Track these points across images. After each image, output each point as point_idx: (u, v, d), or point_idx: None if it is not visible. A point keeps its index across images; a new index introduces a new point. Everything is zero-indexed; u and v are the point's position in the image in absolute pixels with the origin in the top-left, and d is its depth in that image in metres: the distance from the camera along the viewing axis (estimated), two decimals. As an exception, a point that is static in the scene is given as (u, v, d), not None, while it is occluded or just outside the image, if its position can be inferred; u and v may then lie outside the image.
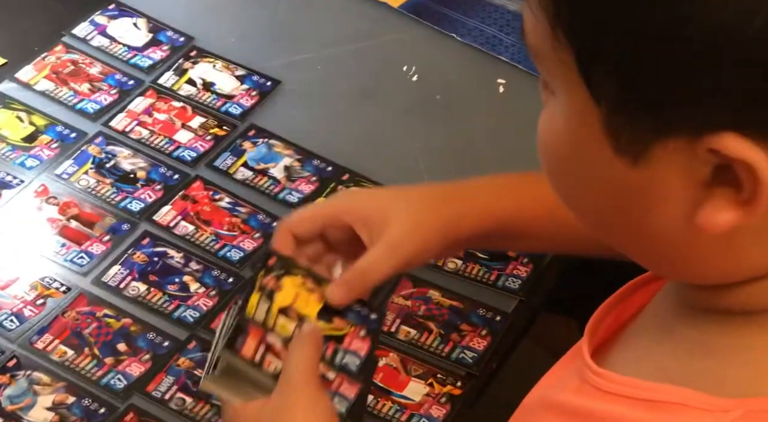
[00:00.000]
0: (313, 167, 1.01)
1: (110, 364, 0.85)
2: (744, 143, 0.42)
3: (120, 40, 1.12)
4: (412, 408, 0.83)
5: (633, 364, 0.54)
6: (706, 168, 0.44)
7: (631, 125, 0.45)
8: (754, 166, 0.42)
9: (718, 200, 0.44)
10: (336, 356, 0.71)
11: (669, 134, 0.44)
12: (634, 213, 0.48)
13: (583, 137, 0.46)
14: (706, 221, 0.45)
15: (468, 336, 0.88)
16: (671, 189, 0.45)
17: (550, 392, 0.59)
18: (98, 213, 0.96)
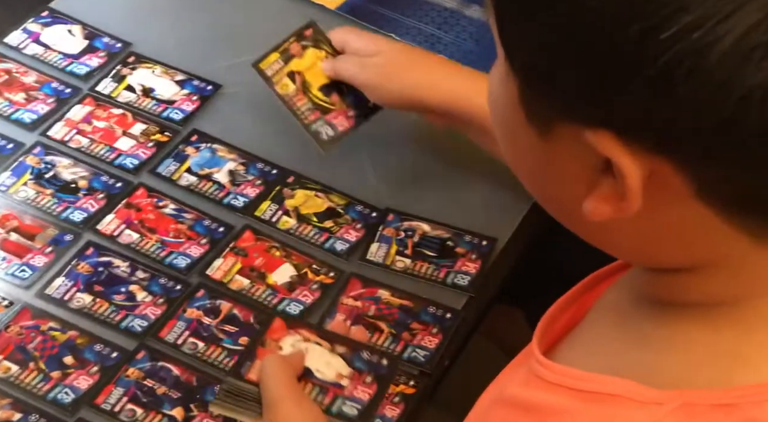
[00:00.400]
0: (258, 171, 1.00)
1: (57, 378, 0.83)
2: (617, 145, 0.43)
3: (55, 48, 1.10)
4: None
5: (583, 356, 0.55)
6: (598, 157, 0.45)
7: (535, 100, 0.46)
8: (622, 169, 0.44)
9: (604, 190, 0.46)
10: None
11: (563, 117, 0.45)
12: (548, 182, 0.50)
13: (507, 101, 0.48)
14: (588, 206, 0.46)
15: (419, 335, 0.88)
16: (571, 168, 0.47)
17: (502, 387, 0.60)
18: (39, 225, 0.94)
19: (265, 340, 0.84)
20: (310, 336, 0.84)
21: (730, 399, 0.46)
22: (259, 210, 0.96)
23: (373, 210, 0.97)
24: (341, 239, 0.95)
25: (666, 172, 0.44)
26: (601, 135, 0.44)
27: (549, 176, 0.49)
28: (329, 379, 0.81)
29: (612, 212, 0.46)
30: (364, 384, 0.79)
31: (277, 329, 0.84)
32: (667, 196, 0.45)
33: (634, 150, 0.43)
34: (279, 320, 0.85)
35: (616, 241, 0.51)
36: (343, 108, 0.92)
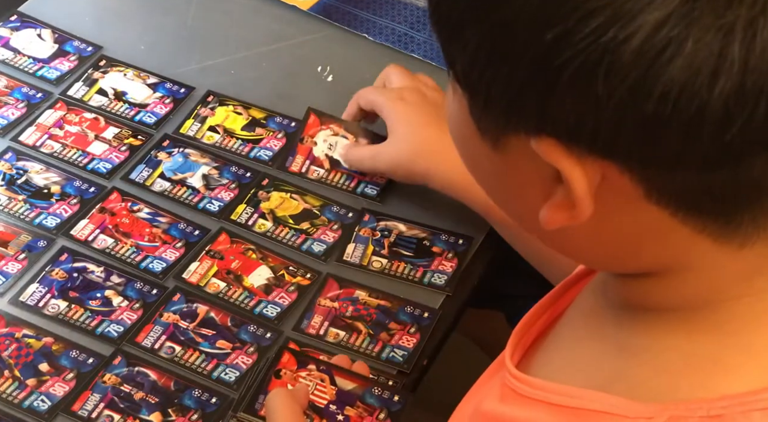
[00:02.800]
0: (232, 174, 1.00)
1: (32, 386, 0.83)
2: (560, 152, 0.44)
3: (24, 52, 1.09)
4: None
5: (557, 368, 0.54)
6: (549, 166, 0.45)
7: (483, 114, 0.47)
8: (565, 175, 0.44)
9: (558, 198, 0.46)
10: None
11: (508, 130, 0.46)
12: (506, 193, 0.51)
13: (461, 118, 0.49)
14: (544, 215, 0.47)
15: (397, 335, 0.88)
16: (526, 178, 0.47)
17: (479, 399, 0.59)
18: (12, 231, 0.93)
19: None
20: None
21: (717, 410, 0.46)
22: (235, 214, 0.96)
23: (349, 211, 0.97)
24: (318, 241, 0.94)
25: (613, 175, 0.44)
26: (544, 143, 0.44)
27: (506, 187, 0.50)
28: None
29: (565, 219, 0.46)
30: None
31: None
32: (619, 200, 0.45)
33: (577, 155, 0.43)
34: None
35: (577, 248, 0.51)
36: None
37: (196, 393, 0.82)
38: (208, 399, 0.82)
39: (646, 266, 0.49)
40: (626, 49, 0.40)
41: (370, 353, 0.87)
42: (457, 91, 0.48)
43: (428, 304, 0.91)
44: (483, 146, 0.48)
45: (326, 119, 1.04)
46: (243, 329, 0.87)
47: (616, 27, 0.40)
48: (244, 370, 0.84)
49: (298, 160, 1.01)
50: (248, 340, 0.86)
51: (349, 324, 0.89)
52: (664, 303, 0.50)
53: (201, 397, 0.82)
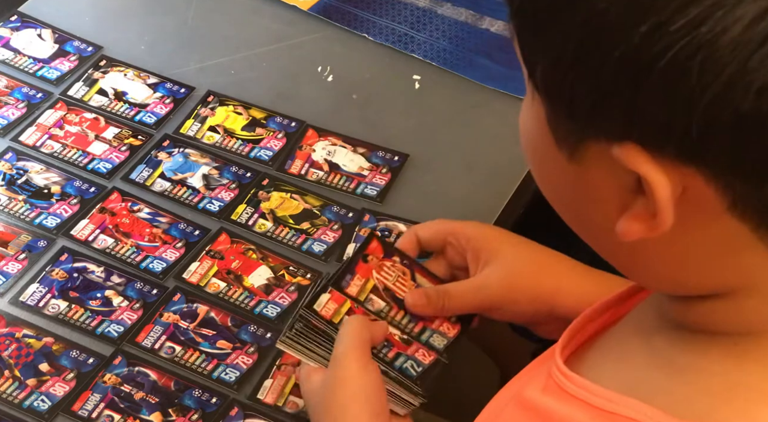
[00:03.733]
0: (232, 174, 1.00)
1: (33, 386, 0.83)
2: (643, 157, 0.42)
3: (25, 52, 1.09)
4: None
5: (604, 372, 0.54)
6: (629, 175, 0.44)
7: (561, 122, 0.45)
8: (649, 182, 0.43)
9: (638, 209, 0.45)
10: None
11: (589, 136, 0.44)
12: (580, 208, 0.49)
13: (536, 128, 0.47)
14: (621, 227, 0.45)
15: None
16: (602, 190, 0.46)
17: (521, 386, 0.59)
18: (12, 231, 0.93)
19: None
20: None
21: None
22: (235, 214, 0.96)
23: (350, 211, 0.97)
24: (319, 241, 0.94)
25: (697, 186, 0.42)
26: (626, 149, 0.42)
27: (581, 199, 0.48)
28: None
29: (644, 230, 0.44)
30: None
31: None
32: (701, 212, 0.43)
33: (662, 162, 0.42)
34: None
35: (647, 266, 0.49)
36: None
37: (197, 393, 0.82)
38: (209, 399, 0.82)
39: (712, 287, 0.48)
40: (723, 41, 0.38)
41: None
42: (535, 100, 0.47)
43: (428, 304, 0.91)
44: (559, 157, 0.46)
45: (325, 132, 1.04)
46: (243, 329, 0.87)
47: (714, 18, 0.38)
48: (245, 370, 0.84)
49: (297, 163, 1.01)
50: (248, 340, 0.86)
51: (349, 324, 0.89)
52: (720, 326, 0.49)
53: (201, 397, 0.82)
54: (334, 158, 1.02)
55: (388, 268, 0.82)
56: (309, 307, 0.78)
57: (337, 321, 0.78)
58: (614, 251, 0.50)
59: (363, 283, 0.81)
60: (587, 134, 0.44)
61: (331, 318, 0.78)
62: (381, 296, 0.81)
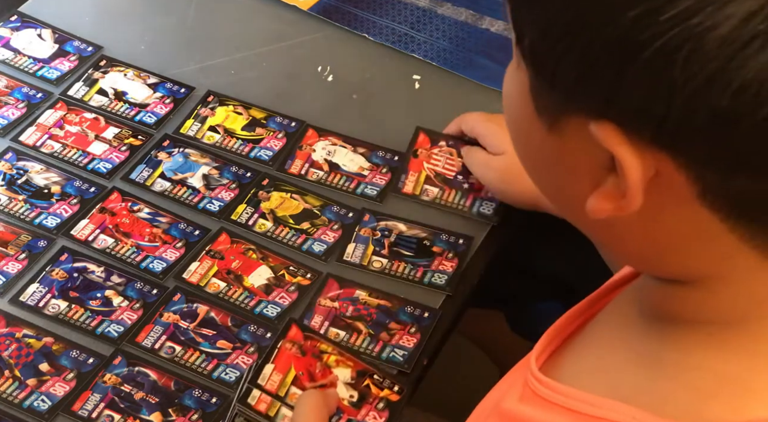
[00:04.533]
0: (232, 174, 1.00)
1: (33, 386, 0.83)
2: (618, 138, 0.43)
3: (25, 52, 1.09)
4: (348, 413, 0.83)
5: (581, 374, 0.53)
6: (604, 153, 0.44)
7: (544, 92, 0.46)
8: (621, 162, 0.43)
9: (609, 187, 0.45)
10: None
11: (569, 108, 0.45)
12: (556, 178, 0.49)
13: (518, 93, 0.48)
14: (591, 203, 0.46)
15: (397, 335, 0.88)
16: (579, 163, 0.46)
17: (499, 396, 0.58)
18: (12, 231, 0.93)
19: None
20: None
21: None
22: (235, 214, 0.96)
23: (350, 211, 0.97)
24: (319, 241, 0.94)
25: (669, 170, 0.43)
26: (604, 127, 0.43)
27: (557, 172, 0.48)
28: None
29: (612, 209, 0.45)
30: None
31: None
32: (670, 197, 0.44)
33: (637, 145, 0.42)
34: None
35: (620, 242, 0.49)
36: None
37: (197, 393, 0.82)
38: (209, 399, 0.82)
39: (686, 271, 0.48)
40: (711, 36, 0.39)
41: (371, 353, 0.87)
42: (521, 68, 0.47)
43: (428, 304, 0.91)
44: (538, 126, 0.47)
45: (325, 132, 1.04)
46: (243, 329, 0.87)
47: (704, 12, 0.39)
48: (245, 370, 0.84)
49: (297, 163, 1.01)
50: (248, 340, 0.86)
51: (349, 323, 0.89)
52: (698, 315, 0.48)
53: (201, 397, 0.82)
54: (334, 157, 1.02)
55: (436, 154, 0.98)
56: (243, 402, 0.77)
57: (282, 394, 0.78)
58: (589, 225, 0.50)
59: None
60: (567, 107, 0.45)
61: (271, 406, 0.77)
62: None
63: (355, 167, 1.01)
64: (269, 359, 0.80)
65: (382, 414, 0.79)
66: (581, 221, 0.50)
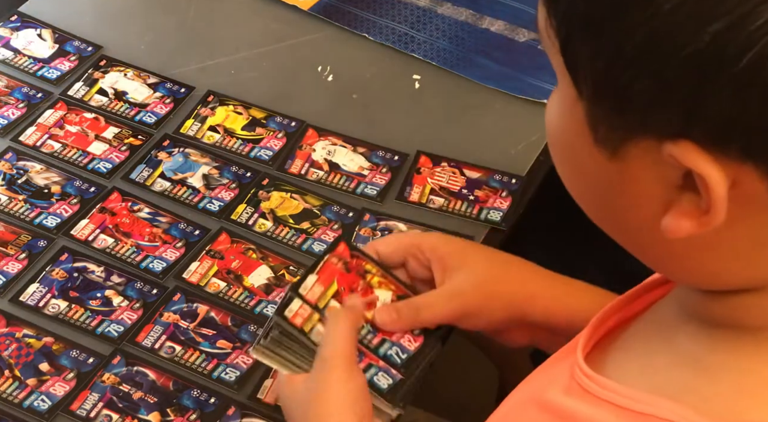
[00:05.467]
0: (232, 174, 1.00)
1: (33, 385, 0.83)
2: (700, 155, 0.42)
3: (25, 52, 1.09)
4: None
5: (628, 372, 0.53)
6: (675, 172, 0.44)
7: (606, 120, 0.45)
8: (706, 179, 0.43)
9: (684, 205, 0.45)
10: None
11: (638, 134, 0.44)
12: (616, 206, 0.49)
13: (571, 126, 0.47)
14: (669, 223, 0.45)
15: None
16: (645, 188, 0.46)
17: (540, 387, 0.58)
18: (12, 231, 0.93)
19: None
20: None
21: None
22: (235, 213, 0.96)
23: (350, 210, 0.97)
24: (319, 241, 0.94)
25: (749, 180, 0.43)
26: (682, 147, 0.42)
27: (619, 199, 0.48)
28: None
29: (693, 227, 0.44)
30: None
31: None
32: (747, 207, 0.44)
33: (718, 159, 0.42)
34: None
35: (683, 261, 0.49)
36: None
37: (195, 393, 0.82)
38: (207, 399, 0.82)
39: (746, 281, 0.48)
40: None
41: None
42: (569, 98, 0.46)
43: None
44: (597, 156, 0.46)
45: (325, 132, 1.04)
46: (243, 328, 0.87)
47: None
48: (245, 370, 0.84)
49: (297, 163, 1.01)
50: (249, 340, 0.86)
51: (349, 323, 0.88)
52: (750, 322, 0.48)
53: (200, 397, 0.82)
54: (334, 157, 1.02)
55: (439, 173, 0.95)
56: (281, 314, 0.74)
57: (321, 305, 0.75)
58: (649, 247, 0.49)
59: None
60: (636, 131, 0.44)
61: (302, 325, 0.74)
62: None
63: (355, 167, 1.01)
64: (314, 270, 0.77)
65: (417, 339, 0.77)
66: (641, 245, 0.50)
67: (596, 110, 0.45)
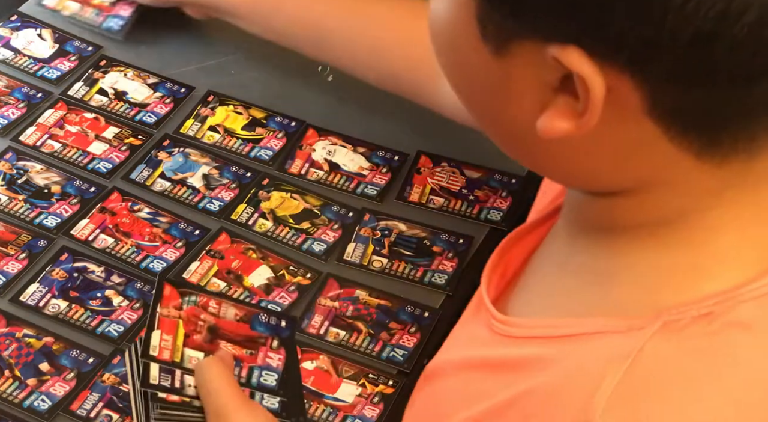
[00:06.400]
0: (232, 174, 1.00)
1: (33, 385, 0.83)
2: (583, 59, 0.44)
3: (25, 52, 1.09)
4: (345, 410, 0.83)
5: (536, 305, 0.55)
6: (555, 74, 0.45)
7: (497, 18, 0.46)
8: (588, 83, 0.44)
9: (560, 107, 0.46)
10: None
11: (524, 34, 0.46)
12: (495, 104, 0.50)
13: (459, 18, 0.48)
14: (543, 124, 0.47)
15: (397, 334, 0.88)
16: (524, 87, 0.47)
17: (456, 351, 0.60)
18: (12, 231, 0.93)
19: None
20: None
21: (706, 308, 0.47)
22: (236, 213, 0.96)
23: (350, 210, 0.97)
24: (319, 241, 0.94)
25: (624, 88, 0.45)
26: (569, 51, 0.44)
27: (499, 96, 0.49)
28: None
29: (568, 128, 0.46)
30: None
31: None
32: (620, 112, 0.46)
33: (600, 65, 0.44)
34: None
35: (561, 163, 0.51)
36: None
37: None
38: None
39: (625, 182, 0.50)
40: None
41: (371, 352, 0.87)
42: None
43: (429, 304, 0.91)
44: (480, 51, 0.48)
45: (325, 132, 1.04)
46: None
47: None
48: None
49: (297, 163, 1.01)
50: (248, 340, 0.86)
51: (349, 323, 0.89)
52: (637, 220, 0.51)
53: (201, 397, 0.82)
54: (334, 157, 1.02)
55: (439, 173, 0.97)
56: (148, 385, 0.71)
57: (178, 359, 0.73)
58: (526, 148, 0.51)
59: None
60: (524, 32, 0.46)
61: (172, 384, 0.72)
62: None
63: (355, 167, 1.01)
64: (153, 326, 0.74)
65: (279, 351, 0.77)
66: (519, 147, 0.52)
67: (489, 7, 0.46)
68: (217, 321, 0.77)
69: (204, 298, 0.78)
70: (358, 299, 0.90)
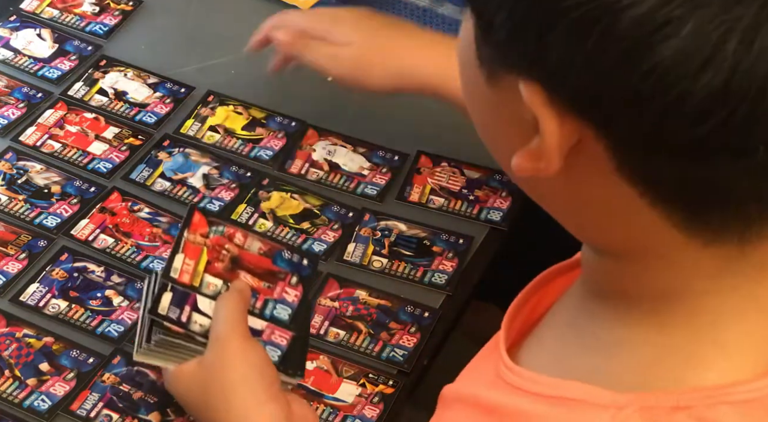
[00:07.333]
0: (232, 174, 1.00)
1: (33, 385, 0.83)
2: (540, 99, 0.43)
3: (25, 52, 1.09)
4: (345, 410, 0.83)
5: (543, 359, 0.55)
6: (530, 112, 0.45)
7: (483, 40, 0.46)
8: (541, 124, 0.44)
9: (532, 146, 0.46)
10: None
11: (504, 63, 0.45)
12: (492, 130, 0.50)
13: (467, 41, 0.48)
14: (515, 161, 0.46)
15: (397, 334, 0.88)
16: (511, 119, 0.47)
17: (468, 384, 0.60)
18: (12, 231, 0.93)
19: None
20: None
21: (685, 401, 0.47)
22: (236, 213, 0.96)
23: (350, 210, 0.97)
24: (319, 241, 0.94)
25: (589, 140, 0.44)
26: (531, 87, 0.44)
27: (492, 123, 0.49)
28: None
29: (532, 170, 0.46)
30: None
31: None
32: (592, 166, 0.45)
33: (558, 109, 0.43)
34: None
35: (549, 204, 0.51)
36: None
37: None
38: (208, 398, 0.82)
39: (615, 243, 0.49)
40: (627, 15, 0.39)
41: (371, 352, 0.87)
42: (470, 19, 0.48)
43: (428, 304, 0.91)
44: (478, 75, 0.48)
45: (325, 132, 1.04)
46: (243, 328, 0.87)
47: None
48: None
49: (297, 163, 1.01)
50: (248, 340, 0.86)
51: (349, 323, 0.89)
52: (639, 290, 0.50)
53: (201, 397, 0.82)
54: (334, 157, 1.02)
55: (439, 173, 0.96)
56: (156, 312, 0.74)
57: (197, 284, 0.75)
58: (521, 180, 0.51)
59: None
60: (502, 63, 0.45)
61: (179, 317, 0.74)
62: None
63: (355, 167, 1.01)
64: (178, 249, 0.77)
65: (297, 288, 0.78)
66: (510, 173, 0.51)
67: (479, 33, 0.47)
68: (241, 252, 0.78)
69: (231, 229, 0.79)
70: (358, 299, 0.90)
